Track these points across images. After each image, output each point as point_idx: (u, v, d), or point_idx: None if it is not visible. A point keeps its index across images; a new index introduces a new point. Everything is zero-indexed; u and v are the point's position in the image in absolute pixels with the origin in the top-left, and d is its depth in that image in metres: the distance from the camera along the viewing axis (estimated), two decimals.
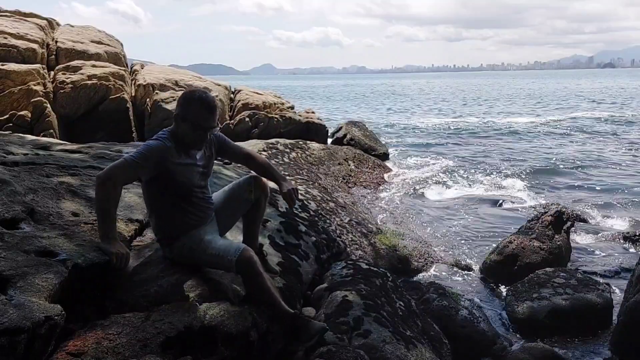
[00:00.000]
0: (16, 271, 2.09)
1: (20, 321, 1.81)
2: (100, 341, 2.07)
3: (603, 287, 4.89)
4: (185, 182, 2.60)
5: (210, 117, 2.54)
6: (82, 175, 3.32)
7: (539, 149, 15.72)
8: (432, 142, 17.80)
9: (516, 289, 5.02)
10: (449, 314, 4.15)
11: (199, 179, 2.68)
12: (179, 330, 2.25)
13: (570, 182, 10.98)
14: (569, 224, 6.55)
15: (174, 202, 2.62)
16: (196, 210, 2.67)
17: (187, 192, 2.63)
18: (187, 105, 2.55)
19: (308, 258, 3.59)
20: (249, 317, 2.55)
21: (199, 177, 2.67)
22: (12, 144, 3.99)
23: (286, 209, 3.95)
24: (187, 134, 2.55)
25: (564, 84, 78.60)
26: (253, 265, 2.56)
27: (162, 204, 2.64)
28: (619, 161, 13.52)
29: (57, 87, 11.37)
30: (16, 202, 2.65)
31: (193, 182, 2.64)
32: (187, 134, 2.55)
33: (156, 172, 2.52)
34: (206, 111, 2.53)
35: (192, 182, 2.64)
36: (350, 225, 6.37)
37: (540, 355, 3.79)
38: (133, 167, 2.46)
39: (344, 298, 3.19)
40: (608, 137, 18.14)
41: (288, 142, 10.97)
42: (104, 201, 2.44)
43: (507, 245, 6.02)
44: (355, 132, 13.93)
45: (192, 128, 2.53)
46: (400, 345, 2.89)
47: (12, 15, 12.59)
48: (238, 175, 4.68)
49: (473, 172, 11.99)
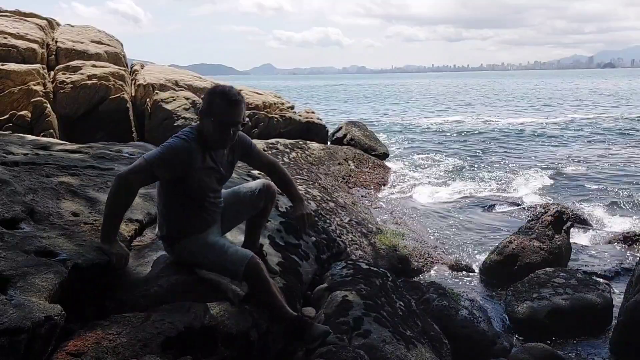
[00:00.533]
0: (16, 271, 2.09)
1: (20, 321, 1.81)
2: (100, 341, 2.07)
3: (603, 287, 4.89)
4: (202, 186, 2.53)
5: (233, 110, 2.42)
6: (82, 175, 3.32)
7: (540, 149, 15.73)
8: (432, 142, 17.80)
9: (516, 289, 5.02)
10: (449, 314, 4.15)
11: (216, 184, 2.62)
12: (179, 330, 2.25)
13: (571, 182, 10.98)
14: (569, 224, 6.55)
15: (184, 204, 2.56)
16: (205, 215, 2.62)
17: (201, 197, 2.56)
18: (210, 100, 2.44)
19: (308, 258, 3.59)
20: (249, 317, 2.55)
21: (216, 182, 2.61)
22: (12, 144, 3.99)
23: (287, 209, 3.94)
24: (212, 131, 2.43)
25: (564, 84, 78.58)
26: (260, 272, 2.52)
27: (172, 203, 2.58)
28: (619, 161, 13.52)
29: (57, 87, 11.36)
30: (16, 202, 2.64)
31: (210, 187, 2.57)
32: (212, 132, 2.43)
33: (177, 175, 2.43)
34: (229, 104, 2.41)
35: (209, 186, 2.57)
36: (350, 225, 6.37)
37: (540, 355, 3.79)
38: (155, 168, 2.37)
39: (344, 298, 3.19)
40: (609, 138, 18.14)
41: (288, 142, 10.98)
42: (117, 205, 2.40)
43: (507, 245, 6.02)
44: (355, 132, 13.93)
45: (216, 124, 2.41)
46: (400, 345, 2.89)
47: (12, 15, 12.59)
48: (238, 175, 4.68)
49: (474, 172, 11.99)
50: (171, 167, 2.41)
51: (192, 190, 2.52)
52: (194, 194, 2.54)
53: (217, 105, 2.42)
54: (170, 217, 2.63)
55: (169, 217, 2.63)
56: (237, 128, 2.48)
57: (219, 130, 2.43)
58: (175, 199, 2.57)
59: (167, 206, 2.61)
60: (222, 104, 2.41)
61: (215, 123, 2.42)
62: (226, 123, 2.42)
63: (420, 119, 27.38)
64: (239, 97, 2.46)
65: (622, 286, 5.26)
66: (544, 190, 10.22)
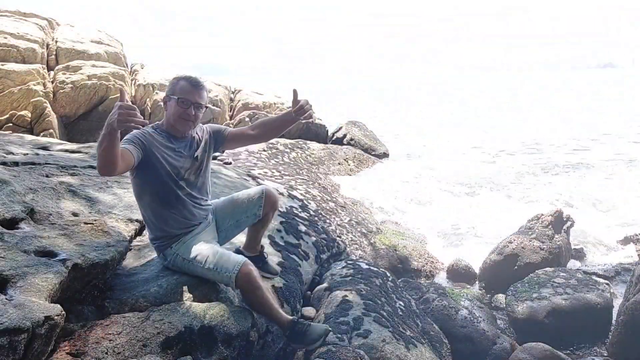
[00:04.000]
0: (16, 271, 2.09)
1: (20, 321, 1.81)
2: (100, 341, 2.07)
3: (603, 287, 4.88)
4: (170, 172, 2.55)
5: (196, 90, 2.58)
6: (82, 175, 3.32)
7: (541, 149, 15.71)
8: (433, 142, 17.79)
9: (516, 289, 5.02)
10: (449, 314, 4.15)
11: (188, 173, 2.63)
12: (179, 330, 2.25)
13: (571, 182, 10.97)
14: (569, 224, 6.55)
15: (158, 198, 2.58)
16: (185, 212, 2.63)
17: (170, 186, 2.57)
18: (174, 82, 2.62)
19: (308, 258, 3.59)
20: (249, 317, 2.55)
21: (187, 170, 2.63)
22: (12, 144, 4.00)
23: (287, 209, 3.94)
24: (174, 111, 2.57)
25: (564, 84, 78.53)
26: (252, 280, 2.53)
27: (148, 201, 2.61)
28: (619, 161, 13.51)
29: (57, 87, 11.37)
30: (16, 202, 2.64)
31: (179, 173, 2.59)
32: (174, 112, 2.57)
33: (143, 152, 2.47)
34: (192, 85, 2.58)
35: (179, 172, 2.59)
36: (350, 225, 6.37)
37: (540, 355, 3.79)
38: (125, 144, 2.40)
39: (344, 298, 3.19)
40: (609, 138, 18.14)
41: (288, 142, 10.98)
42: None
43: (507, 245, 6.01)
44: (355, 132, 13.93)
45: (180, 102, 2.55)
46: (400, 345, 2.89)
47: (12, 15, 12.59)
48: (238, 175, 4.68)
49: (474, 172, 11.98)
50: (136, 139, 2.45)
51: (161, 179, 2.54)
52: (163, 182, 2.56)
53: (181, 85, 2.59)
54: (150, 217, 2.64)
55: (149, 218, 2.65)
56: (198, 110, 2.61)
57: (182, 107, 2.56)
58: (148, 196, 2.59)
59: (144, 206, 2.64)
60: (185, 84, 2.59)
61: (178, 101, 2.56)
62: (189, 100, 2.56)
63: (421, 118, 27.36)
64: (202, 82, 2.65)
65: (622, 286, 5.25)
66: (544, 191, 10.21)
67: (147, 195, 2.59)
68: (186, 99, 2.55)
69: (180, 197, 2.61)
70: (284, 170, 8.65)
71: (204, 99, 2.61)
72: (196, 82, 2.61)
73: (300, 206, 4.40)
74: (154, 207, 2.60)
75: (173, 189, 2.59)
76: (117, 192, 3.24)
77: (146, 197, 2.60)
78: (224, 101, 14.34)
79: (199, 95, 2.60)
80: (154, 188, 2.57)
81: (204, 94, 2.62)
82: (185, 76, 2.64)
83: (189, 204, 2.65)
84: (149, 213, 2.63)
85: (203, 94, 2.62)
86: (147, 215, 2.65)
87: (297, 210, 4.23)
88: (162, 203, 2.59)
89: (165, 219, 2.61)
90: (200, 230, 2.70)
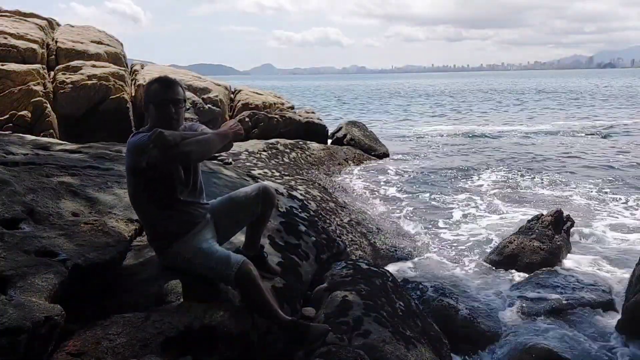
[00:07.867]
0: (16, 271, 2.09)
1: (20, 321, 1.81)
2: (100, 341, 2.07)
3: (603, 287, 4.89)
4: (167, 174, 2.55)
5: (169, 89, 2.57)
6: (82, 175, 3.32)
7: (542, 150, 15.70)
8: (433, 142, 17.79)
9: (516, 289, 5.02)
10: (449, 314, 4.16)
11: (183, 173, 2.63)
12: (179, 330, 2.25)
13: (570, 182, 10.97)
14: (569, 224, 6.55)
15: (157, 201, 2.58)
16: (184, 214, 2.63)
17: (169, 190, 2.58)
18: (148, 89, 2.61)
19: (308, 258, 3.59)
20: (249, 317, 2.55)
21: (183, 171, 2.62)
22: (12, 144, 4.00)
23: (287, 209, 3.94)
24: (156, 117, 2.55)
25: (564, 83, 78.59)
26: (252, 279, 2.51)
27: (146, 206, 2.60)
28: (619, 161, 13.51)
29: (57, 87, 11.37)
30: (16, 202, 2.65)
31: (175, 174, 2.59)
32: (156, 117, 2.55)
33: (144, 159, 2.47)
34: (164, 85, 2.57)
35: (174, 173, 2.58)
36: (350, 225, 6.37)
37: (540, 355, 3.79)
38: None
39: (344, 298, 3.19)
40: (611, 138, 18.15)
41: (288, 142, 10.98)
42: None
43: (507, 245, 6.02)
44: (355, 132, 13.94)
45: (157, 106, 2.54)
46: (400, 345, 2.89)
47: (12, 15, 12.60)
48: (238, 175, 4.68)
49: (474, 173, 11.98)
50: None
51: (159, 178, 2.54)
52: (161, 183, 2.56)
53: (154, 90, 2.58)
54: (150, 221, 2.64)
55: (149, 222, 2.65)
56: (178, 107, 2.59)
57: (161, 110, 2.55)
58: (147, 201, 2.59)
59: (143, 211, 2.64)
60: (158, 87, 2.58)
61: (156, 105, 2.55)
62: (165, 100, 2.55)
63: (421, 118, 27.37)
64: (173, 79, 2.64)
65: (622, 286, 5.25)
66: (544, 190, 10.21)
67: (145, 197, 2.59)
68: (162, 100, 2.55)
69: (177, 198, 2.62)
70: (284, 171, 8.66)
71: (179, 94, 2.60)
72: (166, 80, 2.61)
73: (300, 206, 4.40)
74: (152, 209, 2.61)
75: (170, 189, 2.59)
76: (117, 192, 3.24)
77: (144, 198, 2.60)
78: (224, 101, 14.35)
79: (173, 91, 2.59)
80: (152, 189, 2.57)
81: (179, 89, 2.61)
82: (155, 78, 2.64)
83: (187, 204, 2.65)
84: (147, 214, 2.64)
85: (177, 90, 2.60)
86: (145, 216, 2.65)
87: (297, 210, 4.23)
88: (160, 204, 2.59)
89: (164, 219, 2.61)
90: (199, 230, 2.69)
